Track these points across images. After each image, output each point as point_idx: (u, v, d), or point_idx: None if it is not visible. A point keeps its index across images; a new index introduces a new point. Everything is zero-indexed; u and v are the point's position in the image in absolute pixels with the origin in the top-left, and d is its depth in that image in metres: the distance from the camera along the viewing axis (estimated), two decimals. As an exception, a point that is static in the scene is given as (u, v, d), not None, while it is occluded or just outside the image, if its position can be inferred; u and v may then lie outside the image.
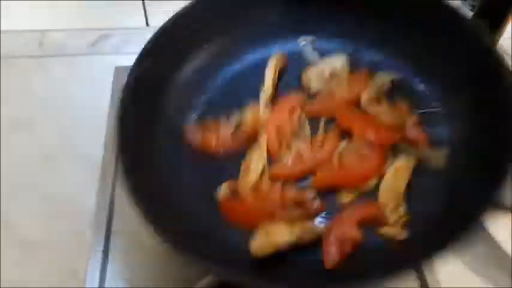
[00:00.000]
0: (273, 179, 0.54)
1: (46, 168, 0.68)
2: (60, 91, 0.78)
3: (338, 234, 0.48)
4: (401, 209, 0.52)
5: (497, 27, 0.74)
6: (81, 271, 0.58)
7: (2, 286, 0.58)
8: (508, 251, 0.58)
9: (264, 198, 0.52)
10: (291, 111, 0.58)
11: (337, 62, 0.63)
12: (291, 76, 0.65)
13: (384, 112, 0.58)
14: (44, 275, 0.60)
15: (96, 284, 0.56)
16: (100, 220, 0.61)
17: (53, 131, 0.73)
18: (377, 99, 0.59)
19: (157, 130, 0.57)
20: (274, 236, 0.46)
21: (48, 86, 0.79)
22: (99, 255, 0.58)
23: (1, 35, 0.84)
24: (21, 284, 0.59)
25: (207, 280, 0.51)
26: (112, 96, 0.74)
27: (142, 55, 0.57)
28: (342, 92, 0.60)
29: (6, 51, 0.83)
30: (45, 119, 0.74)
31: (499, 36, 0.76)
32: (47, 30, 0.86)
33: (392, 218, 0.51)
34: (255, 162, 0.54)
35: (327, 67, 0.62)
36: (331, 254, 0.47)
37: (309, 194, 0.52)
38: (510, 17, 0.72)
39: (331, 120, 0.59)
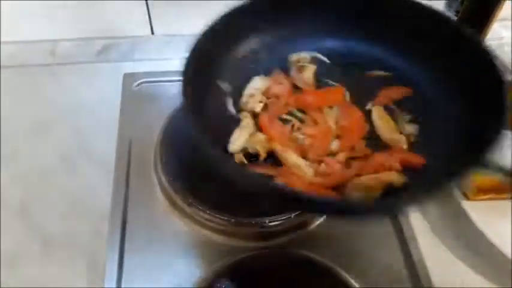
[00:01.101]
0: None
1: (64, 169, 0.72)
2: (72, 97, 0.81)
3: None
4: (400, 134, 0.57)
5: (480, 32, 0.79)
6: (100, 265, 0.60)
7: (23, 281, 0.62)
8: (492, 239, 0.62)
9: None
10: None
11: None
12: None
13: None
14: (64, 270, 0.63)
15: (115, 279, 0.59)
16: (116, 217, 0.64)
17: (68, 134, 0.76)
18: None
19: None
20: None
21: (61, 92, 0.82)
22: (116, 250, 0.61)
23: (16, 46, 0.88)
24: (42, 278, 0.62)
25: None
26: (122, 100, 0.77)
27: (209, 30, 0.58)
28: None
29: (21, 60, 0.86)
30: (60, 124, 0.77)
31: (484, 39, 0.81)
32: (58, 40, 0.89)
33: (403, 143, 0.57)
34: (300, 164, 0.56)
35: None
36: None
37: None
38: (492, 22, 0.77)
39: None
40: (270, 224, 0.62)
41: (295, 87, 0.63)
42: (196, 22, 0.71)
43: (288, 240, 0.62)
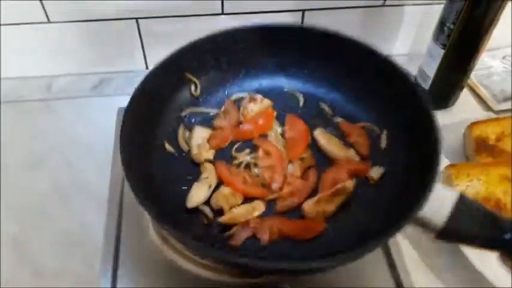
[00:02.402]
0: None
1: (57, 202, 0.72)
2: (67, 131, 0.82)
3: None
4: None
5: (468, 63, 0.81)
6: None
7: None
8: (483, 271, 0.63)
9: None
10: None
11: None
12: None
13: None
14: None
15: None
16: (108, 251, 0.65)
17: (62, 168, 0.77)
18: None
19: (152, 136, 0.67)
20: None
21: (56, 126, 0.83)
22: (108, 284, 0.62)
23: (13, 81, 0.90)
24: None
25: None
26: (116, 134, 0.78)
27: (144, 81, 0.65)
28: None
29: (18, 95, 0.88)
30: (54, 158, 0.78)
31: (471, 70, 0.83)
32: (54, 76, 0.91)
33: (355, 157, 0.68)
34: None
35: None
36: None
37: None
38: (479, 54, 0.79)
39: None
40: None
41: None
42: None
43: (277, 277, 0.61)
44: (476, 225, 0.51)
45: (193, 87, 0.73)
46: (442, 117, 0.85)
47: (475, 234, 0.51)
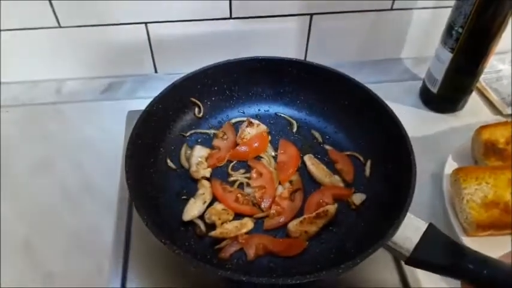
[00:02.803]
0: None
1: (66, 206, 0.73)
2: (76, 134, 0.83)
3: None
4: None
5: (476, 67, 0.81)
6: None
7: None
8: None
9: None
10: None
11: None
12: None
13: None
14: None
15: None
16: (117, 254, 0.65)
17: (71, 171, 0.77)
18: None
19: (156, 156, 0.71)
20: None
21: (65, 130, 0.84)
22: (117, 283, 0.63)
23: (23, 85, 0.91)
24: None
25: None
26: (125, 137, 0.76)
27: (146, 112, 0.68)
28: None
29: (28, 99, 0.89)
30: (63, 161, 0.79)
31: (480, 74, 0.83)
32: (64, 79, 0.92)
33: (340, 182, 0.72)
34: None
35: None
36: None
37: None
38: (488, 57, 0.79)
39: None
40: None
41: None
42: (197, 61, 0.75)
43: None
44: (442, 254, 0.54)
45: (197, 110, 0.77)
46: (451, 121, 0.87)
47: (441, 262, 0.53)
